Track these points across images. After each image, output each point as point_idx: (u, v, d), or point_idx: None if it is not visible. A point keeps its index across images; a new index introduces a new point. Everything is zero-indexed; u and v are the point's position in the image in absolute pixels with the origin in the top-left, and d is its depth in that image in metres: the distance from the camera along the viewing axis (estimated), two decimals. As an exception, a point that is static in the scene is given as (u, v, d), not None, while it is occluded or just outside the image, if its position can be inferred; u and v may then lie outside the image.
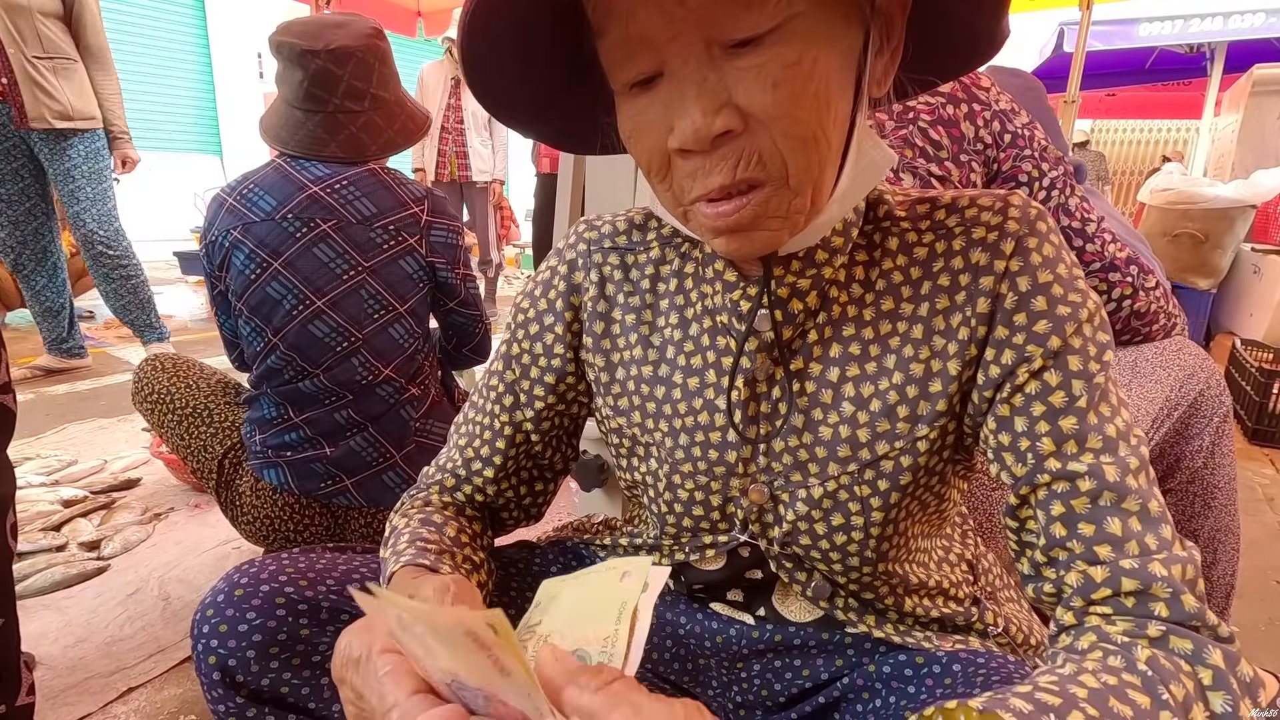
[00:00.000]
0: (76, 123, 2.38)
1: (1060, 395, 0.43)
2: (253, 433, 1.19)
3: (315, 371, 1.13)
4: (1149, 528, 0.40)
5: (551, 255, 0.59)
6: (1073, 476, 0.42)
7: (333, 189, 1.11)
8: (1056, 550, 0.42)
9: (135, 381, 1.27)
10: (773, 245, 0.43)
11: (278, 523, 1.19)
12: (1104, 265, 0.87)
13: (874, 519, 0.49)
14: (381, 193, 1.13)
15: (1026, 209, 0.46)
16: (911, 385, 0.47)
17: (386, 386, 1.17)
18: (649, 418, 0.54)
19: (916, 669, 0.51)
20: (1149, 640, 0.38)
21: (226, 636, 0.48)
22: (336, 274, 1.10)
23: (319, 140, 1.11)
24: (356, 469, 1.18)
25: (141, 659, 1.14)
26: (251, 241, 1.09)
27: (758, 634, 0.57)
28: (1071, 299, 0.44)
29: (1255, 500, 1.80)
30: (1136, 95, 8.90)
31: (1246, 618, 1.28)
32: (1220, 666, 0.36)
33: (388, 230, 1.13)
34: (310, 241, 1.09)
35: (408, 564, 0.48)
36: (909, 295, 0.48)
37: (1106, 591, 0.40)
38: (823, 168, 0.41)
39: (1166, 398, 0.88)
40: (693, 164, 0.40)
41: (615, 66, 0.41)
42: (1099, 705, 0.34)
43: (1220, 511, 0.92)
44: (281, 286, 1.09)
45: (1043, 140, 0.87)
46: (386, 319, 1.14)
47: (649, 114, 0.41)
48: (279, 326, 1.11)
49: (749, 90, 0.38)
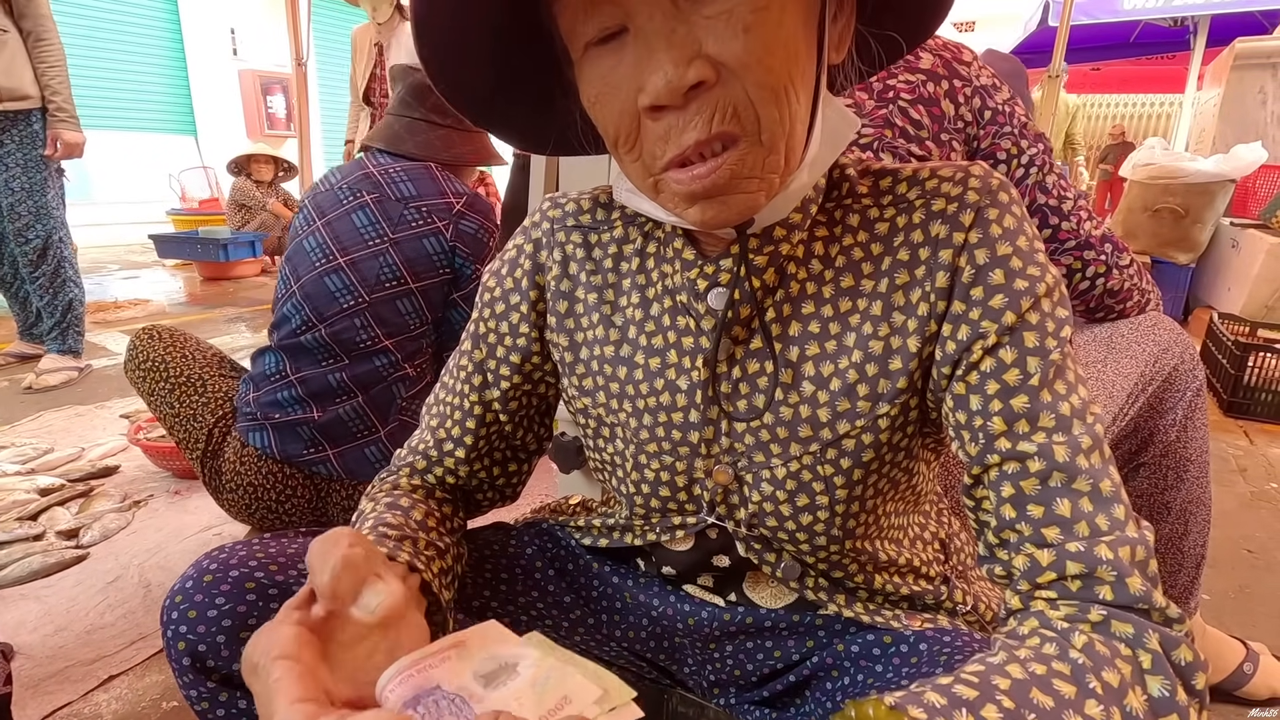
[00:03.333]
0: (4, 104, 2.15)
1: (1015, 373, 0.42)
2: (246, 391, 1.24)
3: (319, 325, 1.20)
4: (1100, 508, 0.40)
5: (518, 234, 0.59)
6: (1023, 457, 0.41)
7: (386, 171, 1.25)
8: (1007, 532, 0.42)
9: (130, 350, 1.28)
10: (750, 209, 0.41)
11: (260, 491, 1.21)
12: (1079, 243, 0.87)
13: (838, 496, 0.49)
14: (427, 182, 1.26)
15: (988, 179, 0.45)
16: (871, 363, 0.47)
17: (382, 358, 1.23)
18: (613, 398, 0.54)
19: (884, 648, 0.52)
20: (1091, 625, 0.38)
21: (196, 622, 0.48)
22: (364, 239, 1.21)
23: (398, 137, 1.27)
24: (340, 438, 1.22)
25: (123, 646, 1.14)
26: (311, 205, 1.27)
27: (729, 616, 0.57)
28: (1030, 272, 0.43)
29: (1229, 471, 1.83)
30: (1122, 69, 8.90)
31: (1218, 586, 1.31)
32: (1158, 651, 0.36)
33: (420, 212, 1.23)
34: (352, 208, 1.23)
35: None
36: (869, 271, 0.47)
37: (1051, 575, 0.40)
38: (793, 124, 0.40)
39: (1141, 373, 0.89)
40: (664, 123, 0.39)
41: (578, 23, 0.40)
42: (1018, 697, 0.34)
43: (1193, 484, 0.93)
44: (315, 241, 1.23)
45: (1023, 117, 0.86)
46: (397, 290, 1.22)
47: (615, 75, 0.40)
48: (301, 274, 1.22)
49: (720, 37, 0.37)
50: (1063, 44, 4.20)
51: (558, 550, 0.66)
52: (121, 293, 4.18)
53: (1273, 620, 1.22)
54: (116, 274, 4.89)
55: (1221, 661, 1.01)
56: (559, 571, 0.65)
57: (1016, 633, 0.40)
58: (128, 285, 4.45)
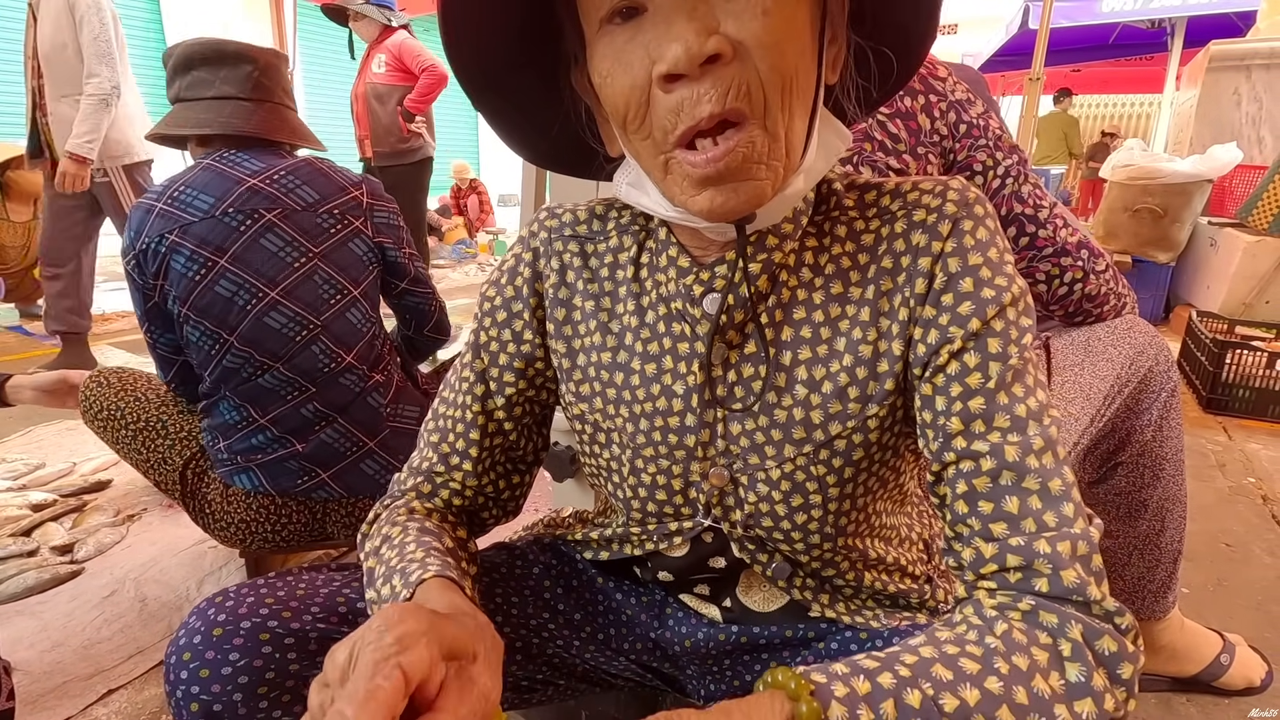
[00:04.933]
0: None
1: (976, 376, 0.45)
2: (215, 440, 1.16)
3: (274, 364, 1.11)
4: (1048, 505, 0.42)
5: (516, 243, 0.60)
6: (976, 456, 0.44)
7: (272, 179, 1.11)
8: (960, 526, 0.45)
9: (83, 400, 1.22)
10: (757, 198, 0.42)
11: (254, 525, 1.18)
12: (1056, 250, 0.90)
13: (831, 495, 0.51)
14: (320, 179, 1.15)
15: (965, 192, 0.48)
16: (861, 366, 0.49)
17: (350, 375, 1.17)
18: (609, 404, 0.55)
19: (862, 644, 0.54)
20: (1020, 614, 0.40)
21: (210, 681, 0.46)
22: (288, 263, 1.10)
23: (240, 118, 1.12)
24: (331, 460, 1.17)
25: (120, 660, 1.14)
26: (191, 242, 1.06)
27: (724, 636, 0.59)
28: (998, 282, 0.46)
29: (1208, 467, 1.87)
30: (1101, 70, 9.02)
31: (1197, 579, 1.34)
32: (1079, 640, 0.39)
33: (332, 215, 1.14)
34: (257, 233, 1.08)
35: (439, 574, 0.46)
36: (857, 280, 0.50)
37: (993, 567, 0.42)
38: (794, 119, 0.43)
39: (1117, 375, 0.92)
40: (678, 95, 0.40)
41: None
42: (918, 669, 0.37)
43: (1169, 482, 0.96)
44: (231, 283, 1.07)
45: (997, 130, 0.89)
46: (343, 303, 1.15)
47: (629, 50, 0.42)
48: (233, 324, 1.08)
49: (739, 18, 0.40)
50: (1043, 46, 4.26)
51: (563, 567, 0.67)
52: (109, 304, 4.15)
53: (1250, 612, 1.25)
54: (103, 285, 4.85)
55: (1199, 653, 1.03)
56: (566, 589, 0.65)
57: (950, 621, 0.43)
58: (115, 297, 4.42)
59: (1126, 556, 0.99)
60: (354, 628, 0.52)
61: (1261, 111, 3.77)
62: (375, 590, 0.49)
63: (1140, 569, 0.98)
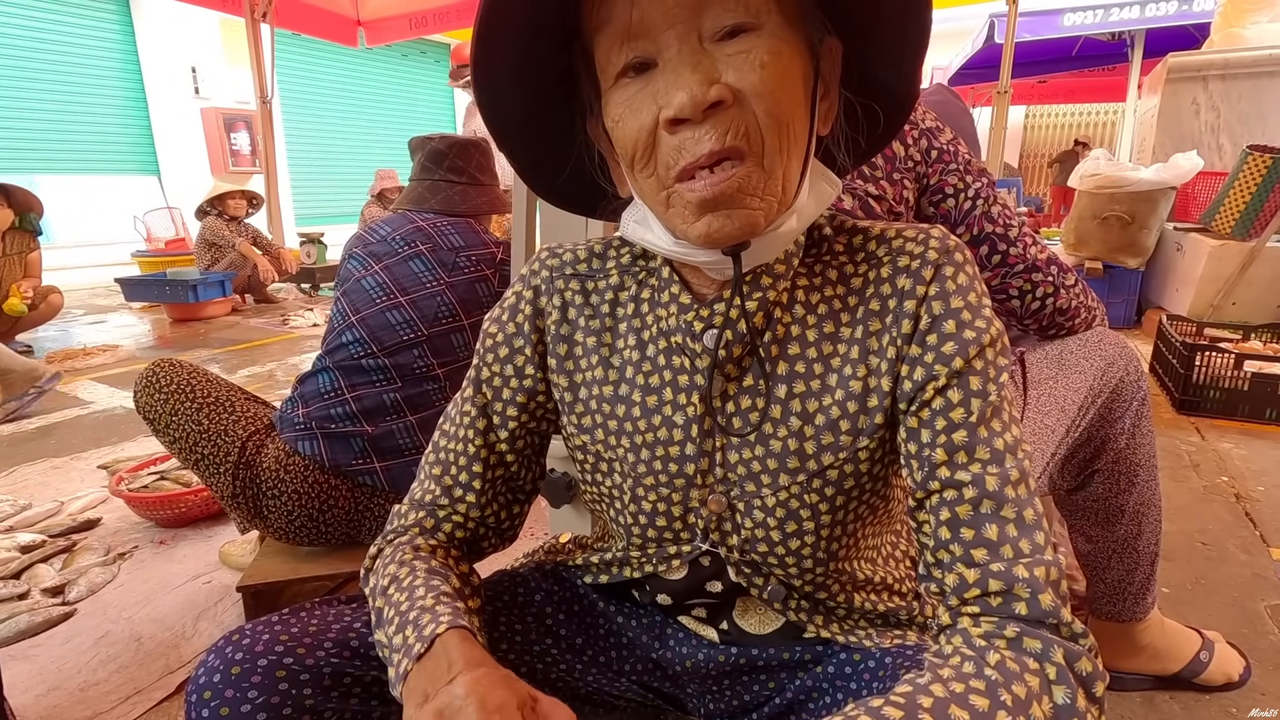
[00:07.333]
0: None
1: (959, 411, 0.48)
2: (294, 407, 1.33)
3: (379, 353, 1.33)
4: (1023, 533, 0.45)
5: (517, 282, 0.63)
6: (959, 485, 0.47)
7: (434, 225, 1.44)
8: (941, 551, 0.48)
9: (149, 377, 1.29)
10: (750, 227, 0.46)
11: (303, 499, 1.26)
12: (1027, 266, 0.94)
13: (823, 522, 0.54)
14: (470, 234, 1.45)
15: (945, 240, 0.52)
16: (852, 401, 0.52)
17: (433, 384, 1.36)
18: (611, 434, 0.58)
19: (855, 665, 0.57)
20: (1006, 641, 0.43)
21: (229, 719, 0.47)
22: (422, 281, 1.38)
23: (422, 197, 1.47)
24: (389, 452, 1.31)
25: (118, 702, 1.13)
26: (364, 252, 1.42)
27: (723, 657, 0.62)
28: (978, 324, 0.50)
29: (1182, 467, 1.92)
30: (1066, 81, 9.27)
31: (1175, 578, 1.38)
32: (1062, 664, 0.42)
33: (470, 259, 1.42)
34: (407, 256, 1.40)
35: (451, 625, 0.48)
36: (847, 320, 0.53)
37: (976, 591, 0.45)
38: (789, 160, 0.47)
39: (1090, 386, 0.96)
40: (681, 136, 0.45)
41: (613, 52, 0.46)
42: (938, 713, 0.39)
43: (1143, 487, 1.00)
44: (374, 282, 1.38)
45: (966, 155, 0.94)
46: (451, 326, 1.38)
47: (640, 98, 0.46)
48: (361, 309, 1.35)
49: (739, 70, 0.44)
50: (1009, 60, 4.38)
51: (564, 592, 0.68)
52: (89, 338, 4.11)
53: (1227, 609, 1.29)
54: (82, 319, 4.80)
55: (1180, 652, 1.07)
56: (568, 614, 0.67)
57: (942, 652, 0.45)
58: (95, 331, 4.38)
59: (1106, 560, 1.02)
60: (366, 662, 0.54)
61: (1219, 120, 3.91)
62: (386, 635, 0.50)
63: (1120, 572, 1.02)
